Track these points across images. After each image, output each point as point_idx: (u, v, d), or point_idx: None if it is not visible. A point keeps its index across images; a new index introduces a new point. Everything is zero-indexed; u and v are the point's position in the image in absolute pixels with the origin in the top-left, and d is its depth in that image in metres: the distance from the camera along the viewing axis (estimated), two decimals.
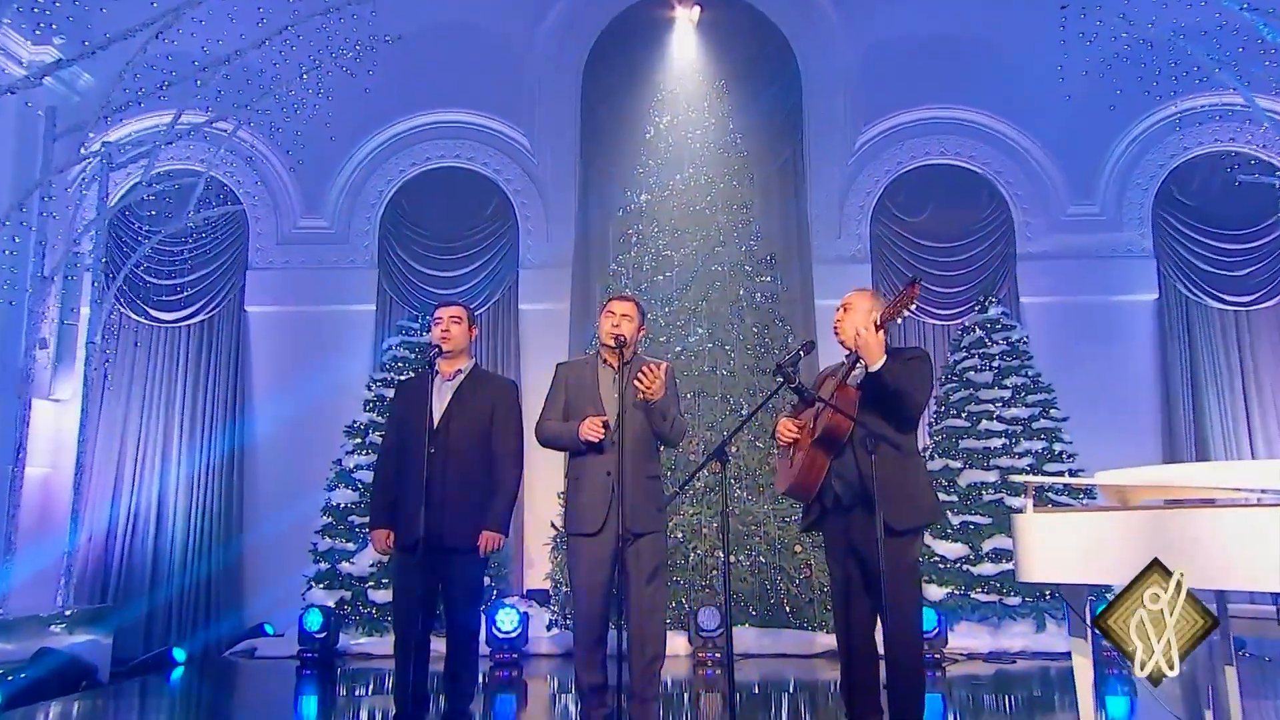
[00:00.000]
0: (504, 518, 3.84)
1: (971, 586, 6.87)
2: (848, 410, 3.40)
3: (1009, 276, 8.56)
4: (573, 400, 3.84)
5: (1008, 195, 8.71)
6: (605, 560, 3.59)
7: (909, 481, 3.42)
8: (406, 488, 3.71)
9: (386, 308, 8.61)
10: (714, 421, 7.04)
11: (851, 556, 3.48)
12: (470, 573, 3.81)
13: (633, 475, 3.60)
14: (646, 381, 3.63)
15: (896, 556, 3.27)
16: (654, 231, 7.62)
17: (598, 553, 3.61)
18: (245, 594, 8.14)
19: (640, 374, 3.64)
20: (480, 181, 8.88)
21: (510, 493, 3.87)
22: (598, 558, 3.61)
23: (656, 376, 3.65)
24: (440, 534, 3.64)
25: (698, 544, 6.68)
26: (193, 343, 8.57)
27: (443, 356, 3.89)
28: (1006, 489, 7.06)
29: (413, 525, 3.57)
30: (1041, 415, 7.39)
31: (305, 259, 8.76)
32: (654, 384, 3.64)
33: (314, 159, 8.42)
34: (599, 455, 3.67)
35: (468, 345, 4.03)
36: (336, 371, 8.26)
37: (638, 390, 3.63)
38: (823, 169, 8.86)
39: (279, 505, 8.01)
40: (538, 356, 8.37)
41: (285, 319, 8.64)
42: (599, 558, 3.61)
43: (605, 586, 3.62)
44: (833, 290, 8.08)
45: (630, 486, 3.55)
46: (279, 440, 8.28)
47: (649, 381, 3.64)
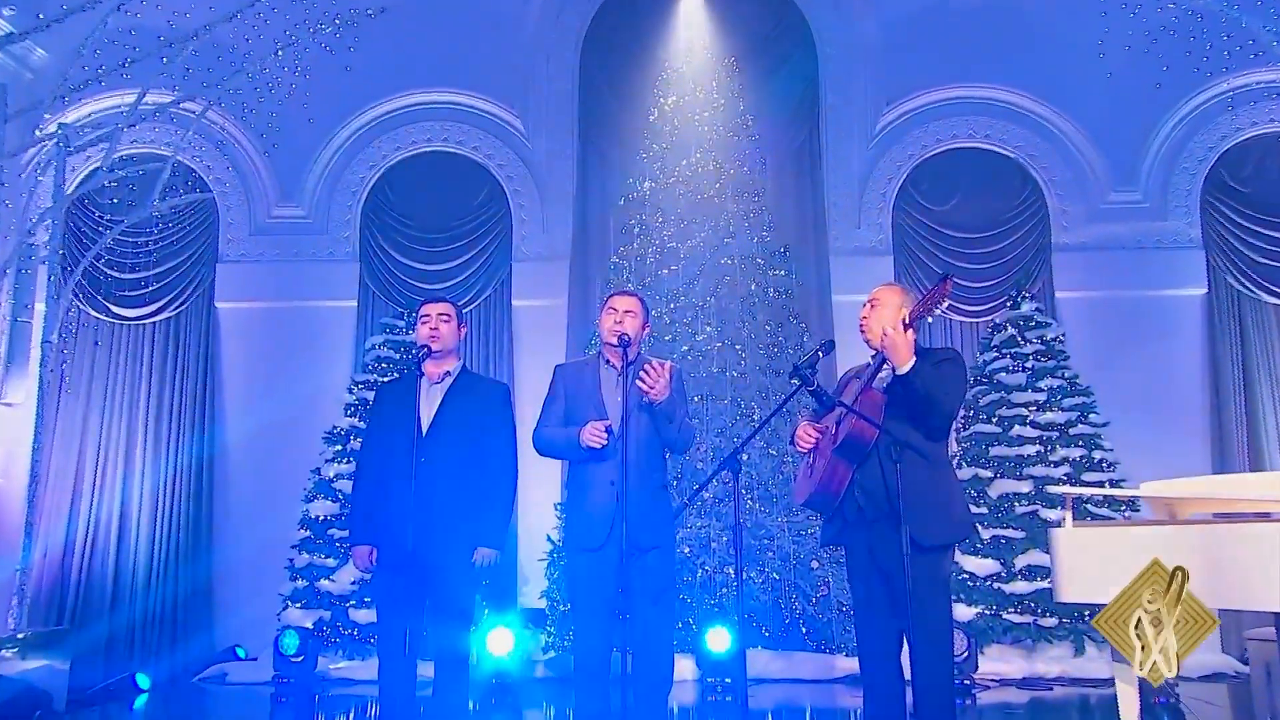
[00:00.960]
0: (500, 531, 3.84)
1: (1003, 606, 6.87)
2: (872, 416, 3.40)
3: (1044, 269, 8.53)
4: (573, 405, 3.85)
5: (1042, 181, 8.68)
6: (609, 577, 3.59)
7: (938, 493, 3.42)
8: (392, 500, 3.71)
9: (369, 304, 8.60)
10: (723, 427, 7.05)
11: (876, 573, 3.49)
12: (462, 592, 3.81)
13: (638, 485, 3.61)
14: (650, 381, 3.64)
15: (925, 573, 3.28)
16: (659, 222, 7.62)
17: (601, 569, 3.62)
18: (215, 614, 8.13)
19: (643, 373, 3.65)
20: (470, 167, 8.86)
21: (505, 504, 3.87)
22: (601, 575, 3.62)
23: (660, 375, 3.65)
24: (430, 550, 3.64)
25: (706, 559, 6.69)
26: (158, 342, 8.56)
27: (431, 357, 3.89)
28: (1041, 500, 7.06)
29: (399, 540, 3.57)
30: (1079, 420, 7.39)
31: (280, 251, 8.75)
32: (658, 383, 3.64)
33: (290, 142, 8.41)
34: (601, 463, 3.69)
35: (457, 345, 4.04)
36: (315, 373, 8.25)
37: (641, 391, 3.64)
38: (841, 153, 8.84)
39: (252, 518, 8.01)
40: (533, 357, 8.35)
41: (259, 316, 8.62)
42: (602, 575, 3.62)
43: (609, 606, 3.63)
44: (851, 284, 8.08)
45: (636, 497, 3.56)
46: (252, 448, 8.27)
47: (652, 381, 3.64)
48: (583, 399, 3.84)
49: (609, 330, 3.87)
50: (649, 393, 3.66)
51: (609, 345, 3.88)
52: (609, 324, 3.88)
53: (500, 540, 3.85)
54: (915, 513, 3.20)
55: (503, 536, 3.87)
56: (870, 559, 3.50)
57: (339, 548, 7.05)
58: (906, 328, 3.44)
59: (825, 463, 3.55)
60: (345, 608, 6.94)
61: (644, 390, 3.66)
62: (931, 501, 3.36)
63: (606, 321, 3.91)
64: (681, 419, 3.85)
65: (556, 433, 3.84)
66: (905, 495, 3.18)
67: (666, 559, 3.80)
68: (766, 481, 7.01)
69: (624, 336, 3.75)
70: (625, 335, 3.75)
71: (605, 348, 3.95)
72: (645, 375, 3.67)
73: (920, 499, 3.27)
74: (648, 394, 3.66)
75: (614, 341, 3.79)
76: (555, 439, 3.84)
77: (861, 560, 3.55)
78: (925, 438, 3.45)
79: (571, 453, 3.79)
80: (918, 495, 3.26)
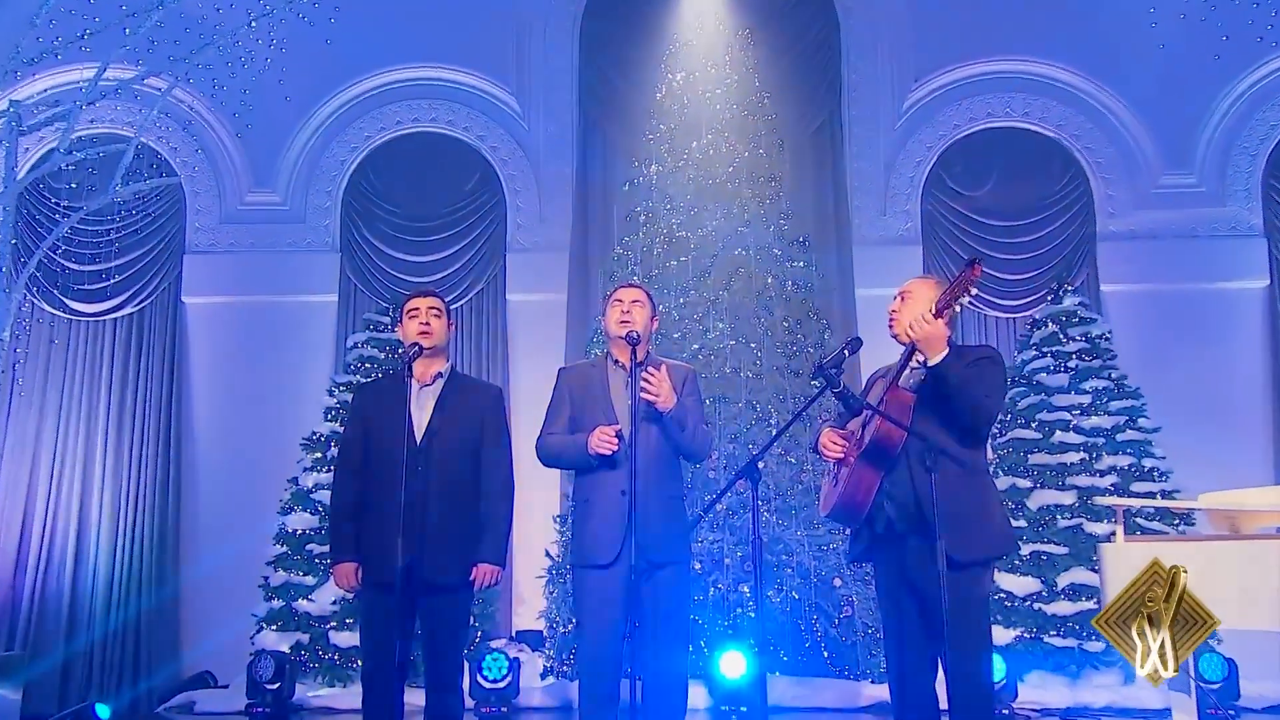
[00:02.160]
0: (501, 547, 3.86)
1: (1045, 629, 6.86)
2: (899, 416, 3.40)
3: (1088, 260, 8.54)
4: (579, 410, 3.88)
5: (1086, 163, 8.68)
6: (619, 596, 3.61)
7: (976, 503, 3.42)
8: (381, 513, 3.72)
9: (351, 299, 8.62)
10: (737, 433, 7.04)
11: (907, 592, 3.49)
12: (456, 613, 3.82)
13: (651, 494, 3.63)
14: (652, 388, 3.67)
15: (962, 592, 3.27)
16: (666, 209, 7.62)
17: (610, 587, 3.64)
18: (183, 637, 8.15)
19: (643, 381, 3.67)
20: (461, 150, 8.88)
21: (506, 517, 3.89)
22: (610, 593, 3.64)
23: (662, 381, 3.68)
24: (423, 568, 3.65)
25: (719, 576, 6.69)
26: (119, 340, 8.58)
27: (422, 356, 3.90)
28: (1086, 513, 7.05)
29: (389, 558, 3.57)
30: (1128, 425, 7.38)
31: (253, 241, 8.77)
32: (661, 389, 3.66)
33: (264, 122, 8.41)
34: (611, 471, 3.71)
35: (447, 344, 4.06)
36: (291, 374, 8.28)
37: (645, 400, 3.66)
38: (865, 134, 8.85)
39: (223, 532, 8.02)
40: (528, 357, 8.37)
41: (230, 311, 8.65)
42: (611, 593, 3.64)
43: (618, 627, 3.65)
44: (876, 277, 8.08)
45: (648, 508, 3.58)
46: (223, 456, 8.29)
47: (655, 388, 3.67)
48: (590, 403, 3.86)
49: (616, 324, 3.88)
50: (654, 401, 3.68)
51: (616, 341, 3.89)
52: (615, 318, 3.90)
53: (502, 556, 3.86)
54: (951, 526, 3.19)
55: (504, 552, 3.89)
56: (901, 576, 3.50)
57: (319, 565, 7.05)
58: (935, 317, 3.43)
59: (850, 471, 3.55)
60: (325, 630, 6.94)
61: (648, 399, 3.68)
62: (969, 513, 3.36)
63: (612, 315, 3.93)
64: (696, 425, 3.86)
65: (562, 440, 3.86)
66: (940, 506, 3.17)
67: (681, 576, 3.81)
68: (785, 492, 7.00)
69: (633, 333, 3.76)
70: (634, 332, 3.77)
71: (613, 345, 3.96)
72: (646, 384, 3.69)
73: (956, 510, 3.27)
74: (653, 403, 3.68)
75: (622, 335, 3.80)
76: (561, 447, 3.86)
77: (891, 578, 3.55)
78: (960, 443, 3.45)
79: (579, 461, 3.81)
80: (954, 506, 3.25)
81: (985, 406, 3.46)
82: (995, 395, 3.53)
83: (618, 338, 3.88)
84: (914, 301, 3.64)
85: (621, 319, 3.87)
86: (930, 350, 3.42)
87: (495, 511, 3.87)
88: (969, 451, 3.46)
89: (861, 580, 6.65)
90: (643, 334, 3.84)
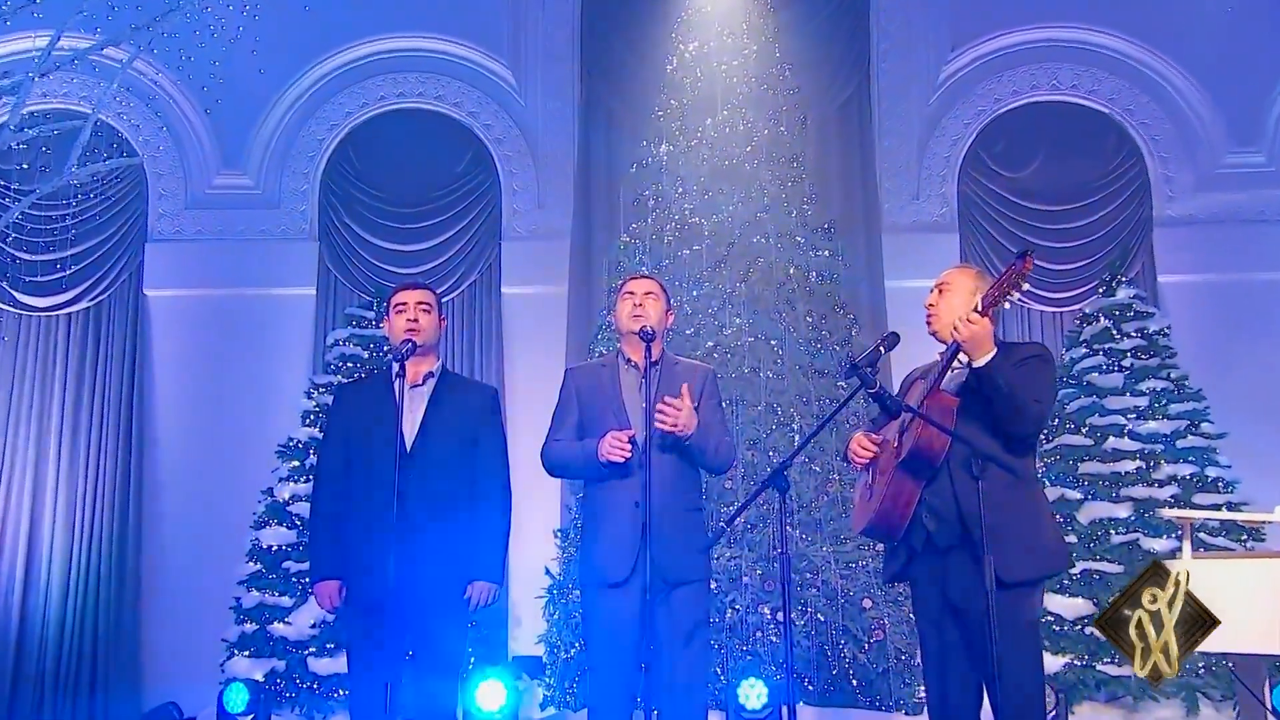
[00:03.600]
0: (499, 563, 3.90)
1: (1097, 655, 6.85)
2: (943, 421, 3.41)
3: (1143, 248, 8.53)
4: (588, 413, 3.90)
5: (1142, 141, 8.68)
6: (632, 618, 3.63)
7: (1025, 516, 3.43)
8: (368, 526, 3.75)
9: (330, 292, 8.63)
10: (757, 438, 7.04)
11: (949, 614, 3.51)
12: (451, 637, 3.86)
13: (667, 506, 3.65)
14: (669, 419, 3.67)
15: (1009, 615, 3.28)
16: (678, 193, 7.62)
17: (622, 609, 3.66)
18: (145, 665, 8.16)
19: (659, 413, 3.68)
20: (452, 129, 8.89)
21: (503, 531, 3.93)
22: (622, 615, 3.66)
23: (681, 409, 3.68)
24: (416, 587, 3.67)
25: (737, 597, 6.69)
26: (75, 336, 8.58)
27: (414, 355, 3.91)
28: (1143, 527, 7.04)
29: (378, 576, 3.59)
30: (1189, 430, 7.36)
31: (222, 228, 8.78)
32: (680, 416, 3.66)
33: (235, 98, 8.40)
34: (623, 480, 3.73)
35: (438, 341, 4.09)
36: (266, 374, 8.29)
37: (661, 426, 3.68)
38: (897, 109, 8.86)
39: (190, 549, 8.04)
40: (525, 355, 8.38)
41: (196, 305, 8.66)
42: (624, 615, 3.66)
43: (631, 653, 3.66)
44: (908, 267, 8.08)
45: (664, 521, 3.60)
46: (190, 464, 8.30)
47: (673, 419, 3.67)
48: (600, 406, 3.88)
49: (628, 318, 3.90)
50: (675, 430, 3.70)
51: (629, 338, 3.90)
52: (626, 311, 3.92)
53: (499, 572, 3.89)
54: (999, 540, 3.20)
55: (502, 568, 3.92)
56: (942, 597, 3.52)
57: (296, 584, 7.06)
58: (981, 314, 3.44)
59: (886, 481, 3.56)
60: (304, 656, 6.95)
61: (667, 430, 3.69)
62: (1018, 526, 3.37)
63: (623, 309, 3.95)
64: (719, 439, 3.89)
65: (570, 448, 3.88)
66: (987, 518, 3.18)
67: (700, 596, 3.83)
68: (809, 503, 6.99)
69: (646, 329, 3.77)
70: (648, 328, 3.78)
71: (624, 341, 3.98)
72: (663, 414, 3.69)
73: (1004, 523, 3.28)
74: (674, 431, 3.70)
75: (635, 331, 3.81)
76: (569, 455, 3.88)
77: (931, 599, 3.57)
78: (1007, 450, 3.46)
79: (589, 470, 3.83)
80: (1001, 519, 3.26)
81: (1035, 409, 3.47)
82: (1046, 398, 3.54)
83: (630, 333, 3.89)
84: (953, 295, 3.65)
85: (634, 313, 3.89)
86: (976, 351, 3.43)
87: (492, 524, 3.91)
88: (1017, 459, 3.48)
89: (894, 601, 6.64)
90: (658, 329, 3.85)
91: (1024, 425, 3.47)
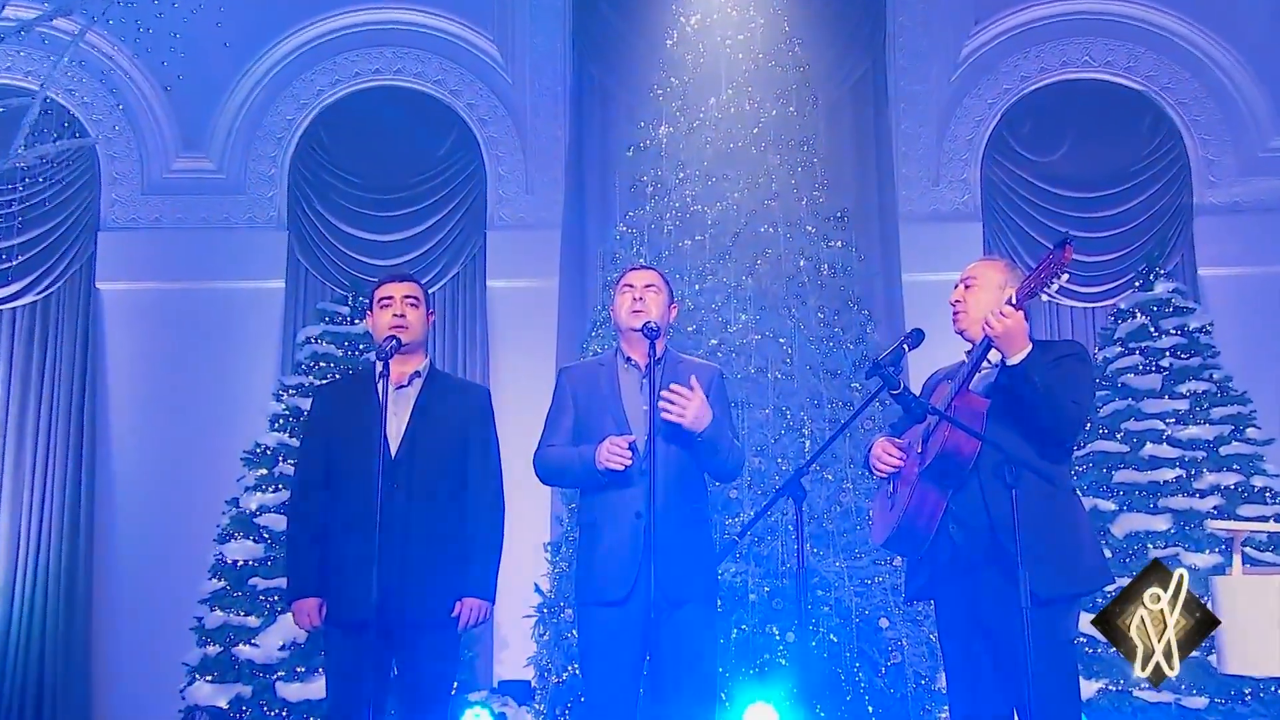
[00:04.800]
0: (491, 578, 3.91)
1: (1135, 681, 6.87)
2: (971, 425, 3.42)
3: (1183, 238, 8.56)
4: (584, 417, 3.91)
5: (1182, 123, 8.70)
6: (633, 639, 3.64)
7: (1063, 528, 3.45)
8: (351, 540, 3.75)
9: (301, 285, 8.64)
10: (764, 444, 7.05)
11: (978, 633, 3.52)
12: (440, 658, 3.87)
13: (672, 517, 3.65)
14: (678, 408, 3.68)
15: (1043, 634, 3.28)
16: (678, 179, 7.62)
17: (622, 629, 3.66)
18: (98, 693, 8.16)
19: (665, 401, 3.68)
20: (433, 108, 8.91)
21: (495, 544, 3.94)
22: (622, 636, 3.66)
23: (692, 398, 3.68)
24: (403, 605, 3.68)
25: (742, 615, 6.70)
26: (21, 332, 8.58)
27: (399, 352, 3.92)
28: (1184, 541, 7.06)
29: (361, 592, 3.59)
30: (1233, 436, 7.37)
31: (182, 215, 8.78)
32: (689, 408, 3.67)
33: (197, 75, 8.41)
34: (624, 490, 3.74)
35: (426, 338, 4.10)
36: (231, 375, 8.29)
37: (669, 417, 3.67)
38: (915, 88, 8.89)
39: (147, 565, 8.04)
40: (513, 354, 8.40)
41: (154, 300, 8.66)
42: (624, 636, 3.66)
43: (632, 677, 3.68)
44: (927, 259, 8.09)
45: (668, 533, 3.59)
46: (147, 473, 8.30)
47: (681, 407, 3.68)
48: (597, 409, 3.88)
49: (628, 314, 3.91)
50: (682, 421, 3.70)
51: (629, 335, 3.91)
52: (627, 306, 3.93)
53: (491, 589, 3.91)
54: (1035, 554, 3.21)
55: (494, 584, 3.93)
56: (971, 615, 3.53)
57: (264, 602, 7.05)
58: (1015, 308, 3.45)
59: (910, 490, 3.57)
60: (272, 681, 6.94)
61: (675, 420, 3.69)
62: (1054, 538, 3.39)
63: (622, 304, 3.95)
64: (729, 443, 3.89)
65: (565, 454, 3.88)
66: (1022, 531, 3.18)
67: (706, 615, 3.83)
68: (820, 515, 7.00)
69: (651, 325, 3.77)
70: (651, 323, 3.78)
71: (623, 339, 3.98)
72: (670, 403, 3.69)
73: (1039, 535, 3.29)
74: (681, 423, 3.69)
75: (637, 327, 3.81)
76: (564, 462, 3.88)
77: (958, 617, 3.58)
78: (1041, 456, 3.48)
79: (586, 478, 3.83)
80: (1036, 530, 3.27)
81: (1074, 412, 3.48)
82: (1084, 400, 3.56)
83: (630, 330, 3.90)
84: (981, 290, 3.66)
85: (634, 308, 3.89)
86: (1010, 347, 3.44)
87: (484, 536, 3.92)
88: (1053, 466, 3.50)
89: (912, 621, 6.65)
90: (661, 325, 3.86)
91: (1061, 428, 3.49)
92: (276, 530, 7.06)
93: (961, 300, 3.70)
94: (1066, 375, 3.50)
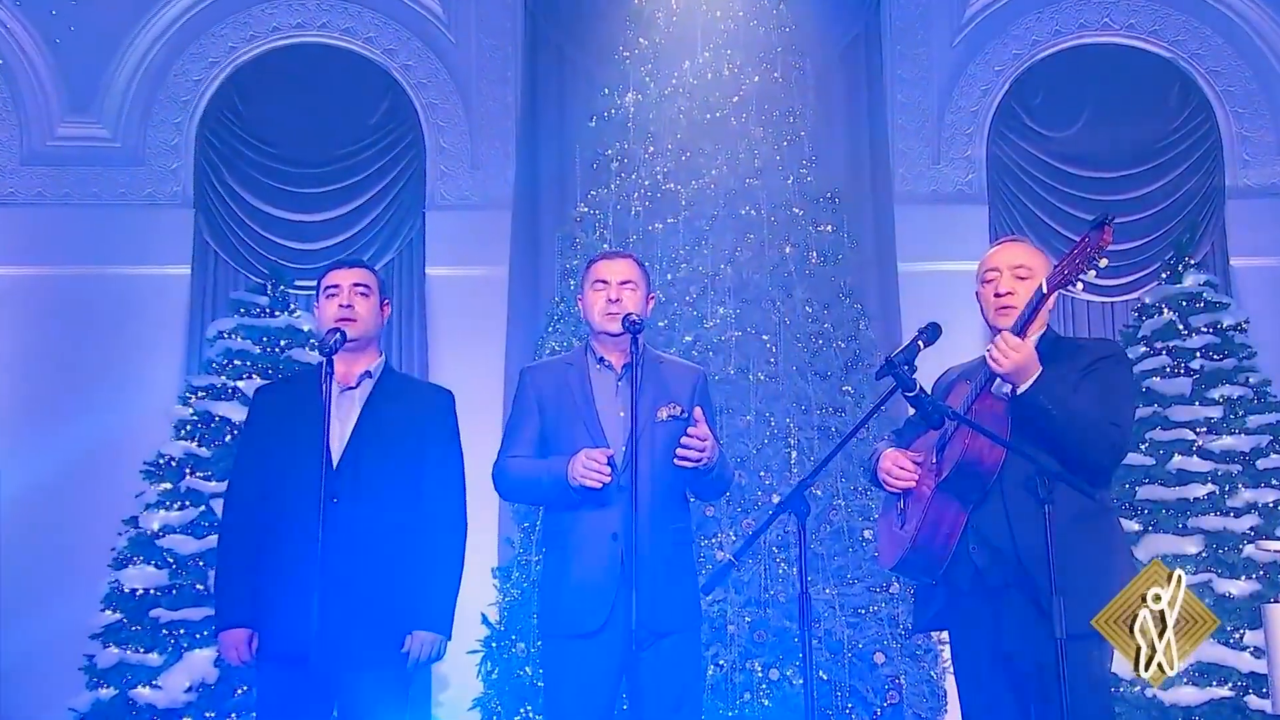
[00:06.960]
0: (448, 608, 3.92)
1: None
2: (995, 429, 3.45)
3: (1215, 225, 8.62)
4: (551, 425, 3.93)
5: (1214, 94, 8.78)
6: (609, 675, 3.67)
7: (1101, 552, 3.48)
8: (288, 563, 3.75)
9: (210, 271, 8.59)
10: (745, 455, 7.07)
11: (1002, 668, 3.55)
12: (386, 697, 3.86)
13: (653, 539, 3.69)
14: (695, 453, 3.72)
15: (1078, 670, 3.31)
16: (648, 154, 7.63)
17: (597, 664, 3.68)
18: None
19: (682, 449, 3.72)
20: (363, 69, 8.89)
21: (454, 569, 3.95)
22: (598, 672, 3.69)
23: (706, 439, 3.73)
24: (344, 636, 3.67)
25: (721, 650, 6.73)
26: None
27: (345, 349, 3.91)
28: (1217, 566, 7.13)
29: (298, 622, 3.58)
30: (1271, 448, 7.45)
31: (70, 189, 8.72)
32: (705, 450, 3.71)
33: (87, 27, 8.39)
34: (598, 510, 3.76)
35: (379, 334, 4.13)
36: (129, 374, 8.21)
37: (684, 461, 3.73)
38: (913, 54, 8.95)
39: (28, 595, 7.93)
40: (456, 350, 8.37)
41: (36, 287, 8.58)
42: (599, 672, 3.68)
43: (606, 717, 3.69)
44: (925, 245, 8.17)
45: (649, 557, 3.61)
46: (29, 488, 8.17)
47: (698, 452, 3.72)
48: (567, 415, 3.90)
49: (602, 315, 3.92)
50: (699, 464, 3.75)
51: (601, 336, 3.93)
52: (600, 305, 3.94)
53: (447, 622, 3.91)
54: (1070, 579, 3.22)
55: (450, 615, 3.94)
56: (993, 647, 3.55)
57: (168, 637, 7.01)
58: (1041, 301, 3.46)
59: (924, 506, 3.60)
60: None
61: (689, 465, 3.74)
62: (1090, 564, 3.42)
63: (595, 302, 3.96)
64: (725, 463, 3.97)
65: (531, 467, 3.90)
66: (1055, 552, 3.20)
67: (690, 648, 3.87)
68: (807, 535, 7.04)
69: (635, 320, 3.78)
70: (634, 318, 3.79)
71: (596, 339, 3.99)
72: (687, 449, 3.73)
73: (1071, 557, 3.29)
74: (698, 466, 3.75)
75: (614, 330, 3.84)
76: (530, 475, 3.90)
77: (979, 649, 3.61)
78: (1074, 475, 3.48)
79: (556, 495, 3.84)
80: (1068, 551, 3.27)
81: (1113, 437, 3.50)
82: (1124, 418, 3.57)
83: (603, 333, 3.93)
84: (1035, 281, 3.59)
85: (609, 310, 3.91)
86: (1020, 378, 3.44)
87: (439, 561, 3.93)
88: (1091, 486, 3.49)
89: (912, 655, 6.70)
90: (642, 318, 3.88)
91: (1093, 456, 3.49)
92: (183, 554, 7.02)
93: (1013, 293, 3.65)
94: (1101, 388, 3.53)
